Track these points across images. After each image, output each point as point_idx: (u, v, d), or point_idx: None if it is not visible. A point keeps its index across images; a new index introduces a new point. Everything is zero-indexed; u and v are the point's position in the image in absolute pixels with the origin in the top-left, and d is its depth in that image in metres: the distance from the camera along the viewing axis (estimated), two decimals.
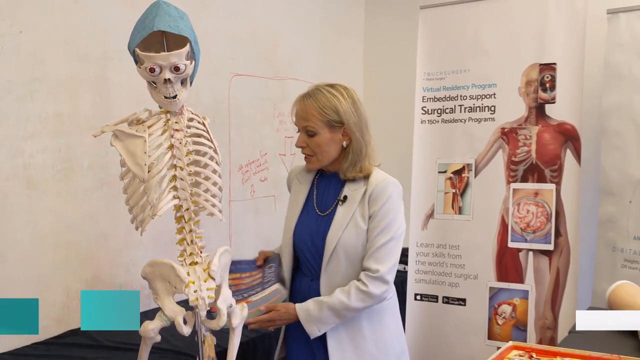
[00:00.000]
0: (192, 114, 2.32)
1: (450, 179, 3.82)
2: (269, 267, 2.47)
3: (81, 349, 2.82)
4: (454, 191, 3.81)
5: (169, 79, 2.13)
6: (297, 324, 2.32)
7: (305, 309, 2.30)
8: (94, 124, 2.61)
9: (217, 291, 2.23)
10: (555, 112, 3.56)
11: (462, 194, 3.78)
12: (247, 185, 4.15)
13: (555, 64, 3.55)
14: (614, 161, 3.59)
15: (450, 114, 3.85)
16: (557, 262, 3.54)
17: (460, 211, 3.79)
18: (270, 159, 4.34)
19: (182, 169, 2.22)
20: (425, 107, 3.93)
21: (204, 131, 2.32)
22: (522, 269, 3.62)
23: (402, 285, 3.74)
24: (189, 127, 2.27)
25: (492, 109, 3.72)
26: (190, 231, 2.25)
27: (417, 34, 3.97)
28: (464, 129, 3.80)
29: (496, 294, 3.68)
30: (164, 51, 2.17)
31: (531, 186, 3.59)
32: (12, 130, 2.79)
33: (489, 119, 3.73)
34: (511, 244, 3.64)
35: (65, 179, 3.02)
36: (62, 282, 3.04)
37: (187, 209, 2.24)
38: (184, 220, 2.25)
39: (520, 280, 3.63)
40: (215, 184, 2.30)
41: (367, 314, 2.35)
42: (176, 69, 2.13)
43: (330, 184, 2.41)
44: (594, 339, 2.14)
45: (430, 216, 3.87)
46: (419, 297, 3.89)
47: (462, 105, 3.81)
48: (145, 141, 2.15)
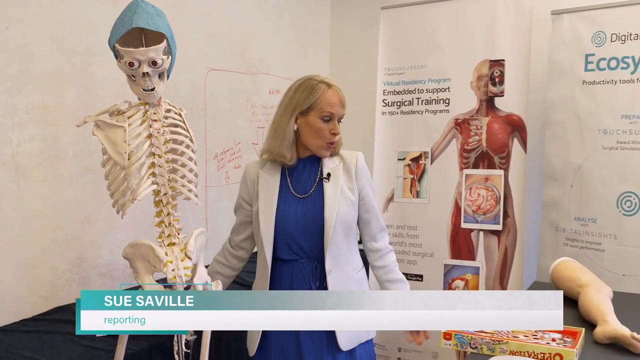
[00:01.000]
0: (169, 105, 2.30)
1: (408, 165, 3.84)
2: None
3: (68, 324, 2.79)
4: (412, 177, 3.82)
5: (147, 73, 2.11)
6: None
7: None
8: (79, 115, 2.58)
9: (194, 270, 2.22)
10: (503, 105, 3.58)
11: (420, 180, 3.80)
12: (222, 172, 4.13)
13: (504, 60, 3.58)
14: (557, 149, 3.63)
15: (408, 106, 3.86)
16: (505, 241, 3.57)
17: (417, 195, 3.81)
18: (243, 147, 4.31)
19: (160, 156, 2.20)
20: (385, 99, 3.93)
21: (181, 121, 2.30)
22: (474, 248, 3.65)
23: (366, 262, 3.75)
24: (166, 118, 2.25)
25: (447, 101, 3.74)
26: (168, 214, 2.24)
27: (379, 32, 3.97)
28: (421, 120, 3.81)
29: (450, 270, 3.71)
30: (143, 47, 2.14)
31: (482, 172, 3.62)
32: (0, 120, 2.74)
33: (444, 110, 3.74)
34: (464, 225, 3.66)
35: (51, 167, 2.97)
36: (49, 262, 3.00)
37: (165, 194, 2.22)
38: (162, 204, 2.23)
39: (472, 257, 3.66)
40: (191, 170, 2.28)
41: (356, 283, 2.30)
42: (154, 64, 2.11)
43: (304, 167, 2.31)
44: None
45: (390, 200, 3.88)
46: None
47: (420, 98, 3.82)
48: (125, 131, 2.13)
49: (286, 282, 2.27)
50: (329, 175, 2.27)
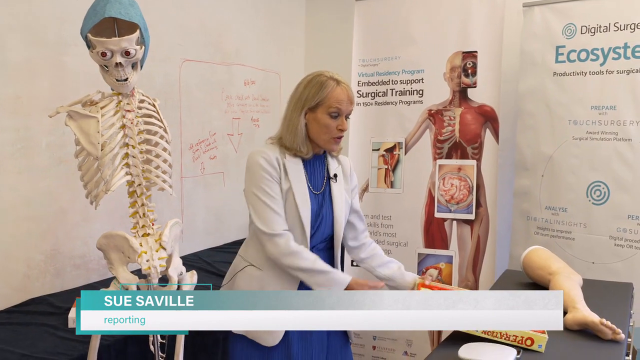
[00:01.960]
0: (143, 95, 2.28)
1: (382, 156, 3.83)
2: None
3: (42, 316, 2.76)
4: (386, 167, 3.82)
5: (120, 63, 2.09)
6: None
7: None
8: (51, 106, 2.53)
9: (169, 260, 2.20)
10: (476, 96, 3.59)
11: (394, 170, 3.80)
12: (197, 162, 4.10)
13: (476, 52, 3.58)
14: (528, 140, 3.65)
15: (382, 97, 3.85)
16: (477, 230, 3.59)
17: (392, 185, 3.81)
18: (218, 138, 4.29)
19: (133, 147, 2.18)
20: (360, 90, 3.92)
21: (154, 112, 2.28)
22: (447, 237, 3.66)
23: (342, 252, 3.75)
24: (140, 108, 2.24)
25: (421, 92, 3.74)
26: (142, 205, 2.22)
27: (353, 24, 3.96)
28: (395, 111, 3.81)
29: (424, 259, 3.72)
30: (115, 37, 2.12)
31: (455, 162, 3.63)
32: None
33: (418, 101, 3.74)
34: (437, 214, 3.67)
35: (24, 157, 2.93)
36: (23, 254, 2.96)
37: (139, 185, 2.20)
38: (137, 195, 2.22)
39: (445, 246, 3.67)
40: (165, 161, 2.27)
41: None
42: (127, 54, 2.09)
43: (315, 164, 2.29)
44: None
45: (365, 190, 3.88)
46: (355, 264, 3.90)
47: (394, 89, 3.81)
48: (98, 121, 2.11)
49: None
50: (335, 176, 2.31)
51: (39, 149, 3.00)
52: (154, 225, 2.24)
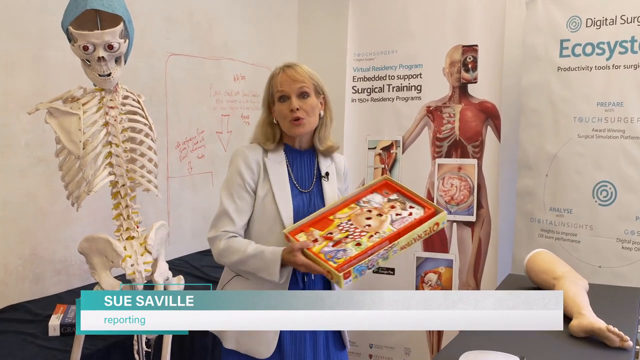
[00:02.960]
0: (127, 91, 2.27)
1: (379, 155, 3.84)
2: None
3: (21, 323, 2.75)
4: (383, 166, 3.83)
5: (102, 57, 2.08)
6: None
7: None
8: (31, 102, 2.52)
9: (154, 265, 2.20)
10: (477, 92, 3.60)
11: (391, 169, 3.80)
12: (184, 162, 4.09)
13: (477, 45, 3.59)
14: (532, 137, 3.66)
15: (379, 93, 3.86)
16: (479, 232, 3.60)
17: None
18: (207, 136, 4.28)
19: (117, 145, 2.18)
20: (355, 86, 3.92)
21: (139, 108, 2.27)
22: (447, 240, 3.67)
23: None
24: (123, 105, 2.23)
25: (419, 88, 3.74)
26: (126, 206, 2.22)
27: (348, 16, 3.96)
28: (392, 107, 3.81)
29: (423, 264, 3.73)
30: (98, 29, 2.11)
31: (455, 161, 3.64)
32: None
33: (416, 97, 3.75)
34: None
35: (1, 156, 2.92)
36: (0, 258, 2.95)
37: (123, 185, 2.20)
38: (120, 196, 2.21)
39: (445, 250, 3.68)
40: (150, 160, 2.26)
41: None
42: (110, 47, 2.08)
43: (303, 160, 2.33)
44: None
45: None
46: None
47: (390, 84, 3.82)
48: (79, 118, 2.10)
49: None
50: (327, 174, 2.34)
51: (17, 147, 2.98)
52: (138, 227, 2.24)
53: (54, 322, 2.63)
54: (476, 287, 3.60)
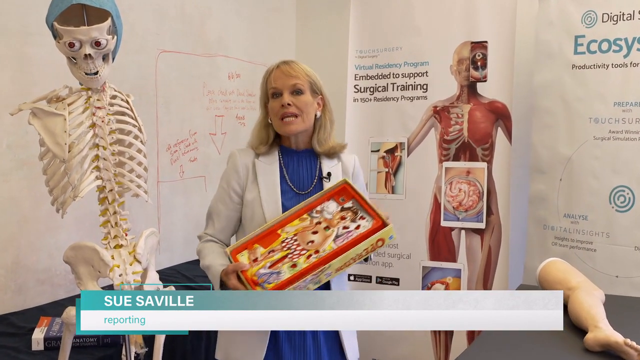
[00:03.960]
0: (115, 91, 2.28)
1: (383, 158, 3.84)
2: None
3: (2, 337, 2.76)
4: (386, 170, 3.84)
5: (89, 55, 2.09)
6: None
7: None
8: (13, 102, 2.54)
9: (144, 275, 2.20)
10: (486, 91, 3.60)
11: (395, 173, 3.81)
12: (175, 165, 4.10)
13: (486, 42, 3.60)
14: (545, 139, 3.66)
15: (382, 92, 3.86)
16: (488, 240, 3.60)
17: (393, 190, 3.82)
18: (199, 138, 4.29)
19: (104, 148, 2.18)
20: (357, 85, 3.93)
21: (128, 109, 2.28)
22: (455, 248, 3.68)
23: None
24: (111, 105, 2.24)
25: (425, 87, 3.75)
26: (114, 213, 2.22)
27: (349, 11, 3.97)
28: (396, 108, 3.82)
29: (429, 273, 3.73)
30: (84, 25, 2.12)
31: (463, 165, 3.64)
32: None
33: (422, 97, 3.75)
34: (444, 223, 3.69)
35: None
36: None
37: (111, 190, 2.20)
38: (108, 201, 2.22)
39: (452, 259, 3.68)
40: (140, 163, 2.27)
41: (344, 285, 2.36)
42: (97, 44, 2.09)
43: (301, 161, 2.35)
44: None
45: None
46: (352, 278, 3.91)
47: (395, 83, 3.83)
48: (65, 119, 2.11)
49: None
50: (329, 174, 2.34)
51: None
52: (127, 235, 2.24)
53: (38, 335, 2.63)
54: None
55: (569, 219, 3.56)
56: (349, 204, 2.19)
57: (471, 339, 3.56)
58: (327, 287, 2.26)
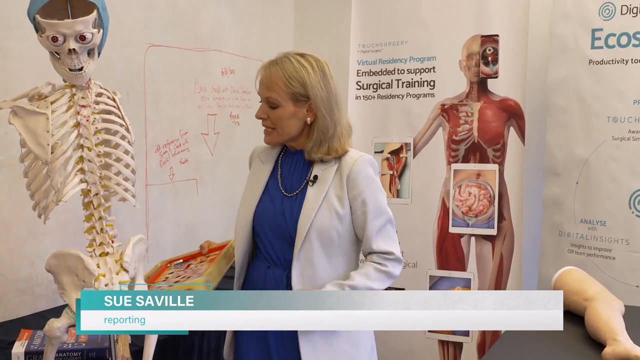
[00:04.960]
0: (101, 88, 2.28)
1: (387, 159, 3.85)
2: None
3: None
4: (391, 173, 3.84)
5: (73, 49, 2.09)
6: None
7: None
8: None
9: (131, 284, 2.20)
10: (497, 88, 3.61)
11: (400, 176, 3.81)
12: (165, 167, 4.09)
13: (497, 35, 3.60)
14: (560, 140, 3.66)
15: (386, 89, 3.87)
16: (500, 247, 3.60)
17: (398, 194, 3.82)
18: (191, 138, 4.28)
19: (90, 149, 2.18)
20: (360, 81, 3.94)
21: (115, 107, 2.28)
22: (464, 256, 3.68)
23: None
24: (97, 103, 2.24)
25: (432, 84, 3.75)
26: (100, 218, 2.22)
27: (352, 2, 3.97)
28: (401, 106, 3.82)
29: (437, 283, 3.73)
30: (68, 18, 2.12)
31: (473, 167, 3.64)
32: None
33: (428, 94, 3.76)
34: (452, 229, 3.69)
35: None
36: None
37: (96, 194, 2.20)
38: (93, 206, 2.22)
39: (462, 267, 3.68)
40: (127, 165, 2.27)
41: None
42: (82, 38, 2.09)
43: (296, 163, 2.34)
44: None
45: None
46: None
47: (400, 79, 3.83)
48: (47, 118, 2.11)
49: (251, 279, 2.39)
50: (315, 178, 2.28)
51: None
52: (113, 242, 2.24)
53: (18, 349, 2.63)
54: None
55: (585, 224, 3.56)
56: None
57: (481, 352, 3.56)
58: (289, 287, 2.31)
